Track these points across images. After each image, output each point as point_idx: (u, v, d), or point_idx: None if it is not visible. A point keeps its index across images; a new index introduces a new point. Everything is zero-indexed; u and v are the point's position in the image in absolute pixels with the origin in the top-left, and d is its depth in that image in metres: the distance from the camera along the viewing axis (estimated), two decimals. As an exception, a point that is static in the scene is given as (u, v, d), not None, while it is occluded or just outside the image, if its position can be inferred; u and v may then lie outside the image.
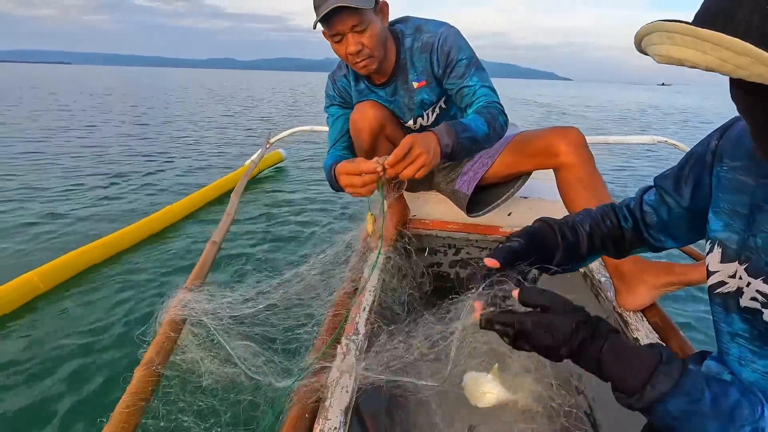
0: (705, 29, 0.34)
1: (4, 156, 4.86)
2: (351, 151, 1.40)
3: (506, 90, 33.07)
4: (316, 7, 1.12)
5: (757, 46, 0.33)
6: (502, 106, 1.18)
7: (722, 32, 0.34)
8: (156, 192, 3.78)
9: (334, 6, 1.06)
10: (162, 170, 4.55)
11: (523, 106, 16.39)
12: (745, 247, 0.53)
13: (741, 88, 0.41)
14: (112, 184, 3.93)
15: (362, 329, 1.02)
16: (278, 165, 4.76)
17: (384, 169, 0.87)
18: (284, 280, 1.04)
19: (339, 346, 0.96)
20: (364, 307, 1.12)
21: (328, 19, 1.10)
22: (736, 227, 0.55)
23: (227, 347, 0.95)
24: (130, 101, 12.75)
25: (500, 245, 0.63)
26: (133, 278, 2.20)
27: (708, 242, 0.59)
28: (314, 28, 1.12)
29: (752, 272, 0.52)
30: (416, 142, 0.88)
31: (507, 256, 0.60)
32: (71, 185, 3.81)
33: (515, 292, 0.54)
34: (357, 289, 1.20)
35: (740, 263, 0.54)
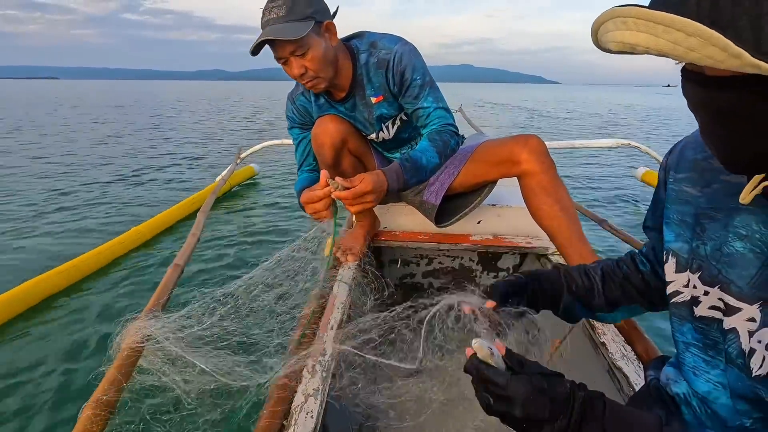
0: (658, 11, 0.34)
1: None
2: (317, 173, 1.39)
3: (494, 96, 33.65)
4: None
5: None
6: (455, 128, 1.26)
7: (675, 15, 0.34)
8: (123, 212, 3.64)
9: (261, 40, 1.09)
10: (136, 187, 4.40)
11: (508, 111, 16.84)
12: (695, 256, 0.54)
13: (692, 81, 0.41)
14: (72, 205, 3.77)
15: (329, 349, 0.98)
16: (251, 180, 4.69)
17: (336, 189, 0.98)
18: (244, 293, 1.01)
19: (305, 368, 0.93)
20: (332, 326, 1.08)
21: (270, 44, 1.12)
22: (685, 236, 0.56)
23: (196, 361, 0.90)
24: (110, 115, 12.38)
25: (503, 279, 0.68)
26: (94, 308, 2.08)
27: (664, 253, 0.60)
28: (253, 55, 1.15)
29: (707, 281, 0.52)
30: (373, 191, 0.99)
31: (505, 288, 0.66)
32: (25, 205, 3.64)
33: (489, 304, 0.61)
34: (324, 306, 1.17)
35: (692, 272, 0.54)
